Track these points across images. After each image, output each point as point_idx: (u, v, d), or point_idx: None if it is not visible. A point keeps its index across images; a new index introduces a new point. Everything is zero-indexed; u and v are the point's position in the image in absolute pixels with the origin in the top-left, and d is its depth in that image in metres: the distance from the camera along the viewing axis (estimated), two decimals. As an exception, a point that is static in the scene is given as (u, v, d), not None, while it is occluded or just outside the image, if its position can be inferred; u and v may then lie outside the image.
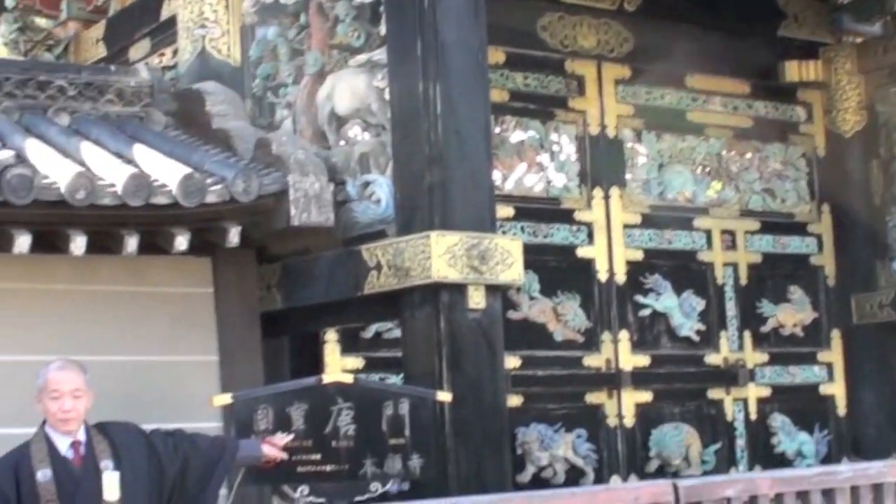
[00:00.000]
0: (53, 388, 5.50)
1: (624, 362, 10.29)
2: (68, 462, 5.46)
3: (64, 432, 5.48)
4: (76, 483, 5.40)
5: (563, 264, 10.03)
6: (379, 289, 7.21)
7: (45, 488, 5.33)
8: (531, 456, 9.76)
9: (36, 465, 5.38)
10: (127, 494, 5.41)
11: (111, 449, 5.52)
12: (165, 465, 5.62)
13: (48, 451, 5.43)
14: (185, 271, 7.58)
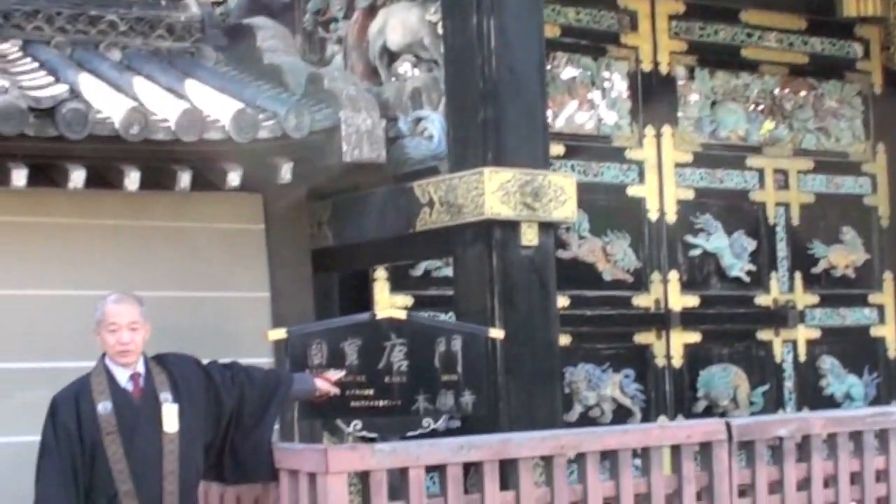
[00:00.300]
0: (111, 322, 5.48)
1: (673, 303, 10.23)
2: (128, 394, 5.48)
3: (123, 365, 5.48)
4: (136, 414, 5.42)
5: (613, 203, 9.95)
6: (431, 226, 7.19)
7: (105, 420, 5.34)
8: (579, 395, 9.74)
9: (96, 397, 5.39)
10: (185, 426, 5.45)
11: (170, 381, 5.53)
12: (223, 397, 5.63)
13: (108, 384, 5.44)
14: (236, 208, 7.61)
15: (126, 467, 5.31)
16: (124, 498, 5.31)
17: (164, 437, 5.41)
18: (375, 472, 5.35)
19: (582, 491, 5.94)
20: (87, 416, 5.35)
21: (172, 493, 5.39)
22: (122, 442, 5.34)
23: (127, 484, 5.31)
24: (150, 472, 5.36)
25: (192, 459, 5.50)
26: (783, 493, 6.51)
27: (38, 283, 7.00)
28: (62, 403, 5.42)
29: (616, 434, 6.20)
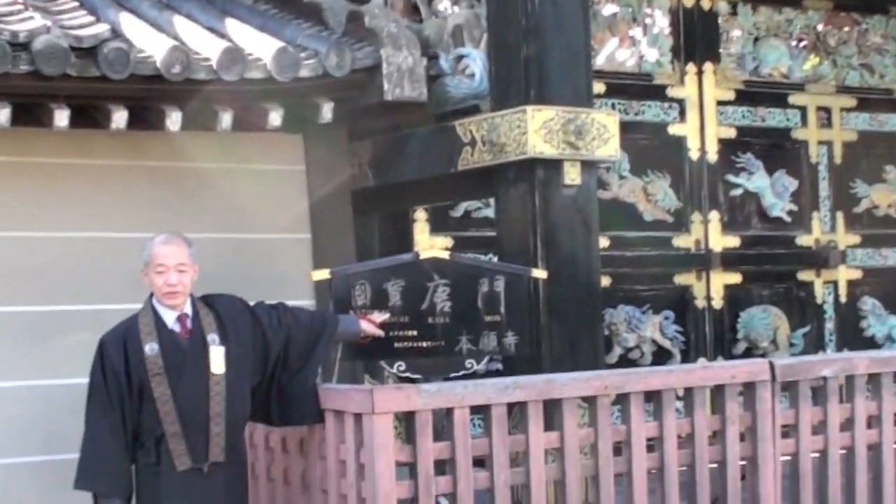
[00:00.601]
0: (159, 263, 5.46)
1: (714, 243, 10.20)
2: (175, 335, 5.47)
3: (170, 306, 5.49)
4: (183, 356, 5.41)
5: (654, 142, 9.91)
6: (473, 165, 7.15)
7: (152, 361, 5.34)
8: (618, 337, 9.75)
9: (143, 338, 5.39)
10: (232, 367, 5.44)
11: (217, 322, 5.52)
12: (270, 339, 5.61)
13: (155, 325, 5.44)
14: (277, 148, 7.57)
15: (173, 409, 5.32)
16: (171, 439, 5.32)
17: (211, 378, 5.40)
18: (421, 413, 5.34)
19: (625, 431, 5.92)
20: (134, 357, 5.35)
21: (219, 435, 5.38)
22: (169, 383, 5.34)
23: (174, 425, 5.32)
24: (196, 413, 5.36)
25: (239, 401, 5.50)
26: (826, 434, 6.48)
27: (81, 225, 7.00)
28: (110, 344, 5.42)
29: (660, 374, 6.18)
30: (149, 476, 5.39)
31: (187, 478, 5.35)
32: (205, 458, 5.36)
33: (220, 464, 5.40)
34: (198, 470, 5.36)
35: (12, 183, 6.85)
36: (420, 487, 5.35)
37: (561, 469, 5.75)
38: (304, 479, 5.82)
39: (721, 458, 6.19)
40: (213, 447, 5.37)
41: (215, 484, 5.40)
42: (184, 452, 5.33)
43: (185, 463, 5.33)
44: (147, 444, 5.37)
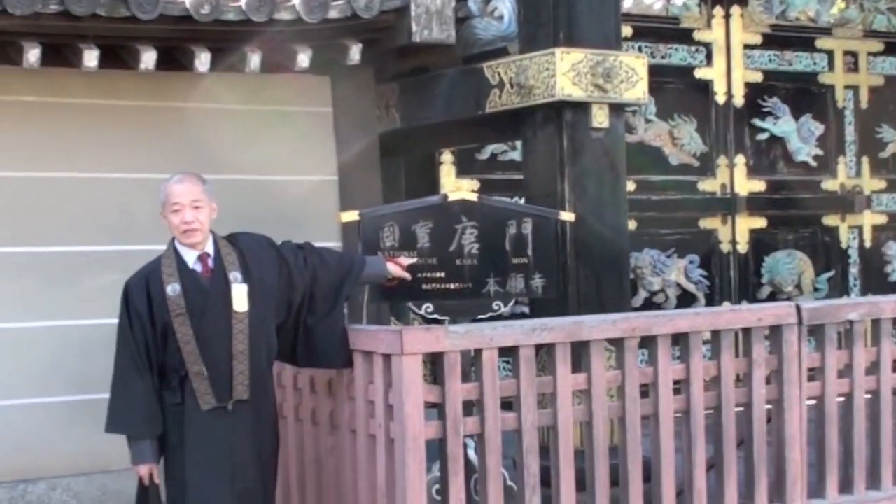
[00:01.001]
0: (174, 202, 5.38)
1: (739, 187, 10.20)
2: (196, 275, 5.40)
3: (190, 245, 5.41)
4: (205, 295, 5.36)
5: (681, 86, 9.90)
6: (501, 107, 7.14)
7: (174, 302, 5.30)
8: (643, 280, 9.78)
9: (165, 279, 5.34)
10: (255, 305, 5.40)
11: (240, 260, 5.46)
12: (295, 279, 5.57)
13: (177, 266, 5.39)
14: (304, 90, 7.57)
15: (195, 348, 5.29)
16: (195, 378, 5.30)
17: (234, 316, 5.35)
18: (449, 354, 5.35)
19: (652, 373, 5.94)
20: (157, 299, 5.33)
21: (243, 374, 5.34)
22: (191, 323, 5.30)
23: (197, 365, 5.29)
24: (219, 352, 5.32)
25: (263, 340, 5.45)
26: (852, 377, 6.50)
27: (109, 165, 7.02)
28: (134, 287, 5.40)
29: (687, 317, 6.17)
30: (175, 415, 5.35)
31: (213, 416, 5.31)
32: (229, 396, 5.32)
33: (245, 402, 5.35)
34: (222, 408, 5.32)
35: (41, 123, 6.87)
36: (448, 428, 5.36)
37: (588, 411, 5.77)
38: (332, 419, 5.84)
39: (747, 401, 6.20)
40: (236, 385, 5.33)
41: (241, 422, 5.36)
42: (208, 392, 5.30)
43: (209, 402, 5.30)
44: (172, 383, 5.35)
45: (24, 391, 6.69)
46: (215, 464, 5.31)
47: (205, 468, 5.31)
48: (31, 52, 6.29)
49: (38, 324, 6.80)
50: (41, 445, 6.71)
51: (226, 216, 7.11)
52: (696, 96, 9.99)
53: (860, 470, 6.52)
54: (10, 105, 6.79)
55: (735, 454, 6.19)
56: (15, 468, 6.69)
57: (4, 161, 6.78)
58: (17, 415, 6.71)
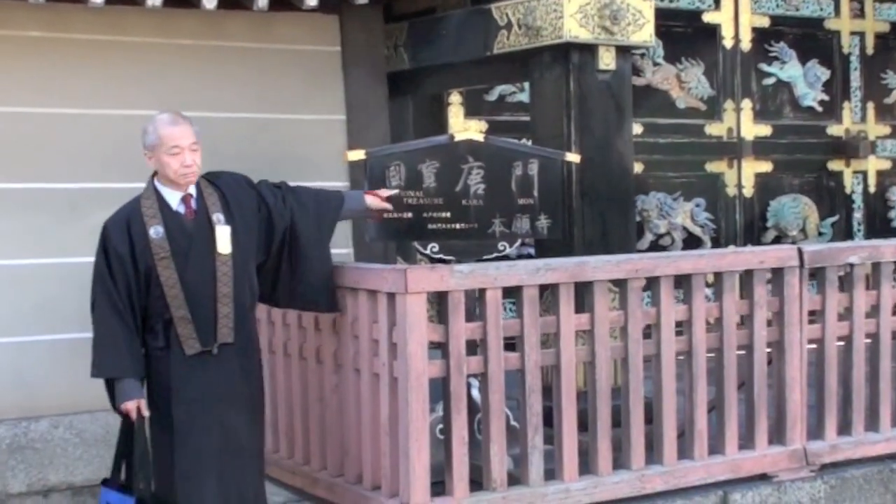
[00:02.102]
0: (173, 144, 5.26)
1: (746, 131, 10.22)
2: (180, 217, 5.30)
3: (181, 186, 5.31)
4: (189, 238, 5.27)
5: (689, 30, 9.88)
6: (508, 49, 7.13)
7: (158, 245, 5.21)
8: (649, 223, 9.81)
9: (147, 221, 5.23)
10: (238, 247, 5.33)
11: (222, 201, 5.37)
12: (275, 218, 5.51)
13: (159, 207, 5.28)
14: (312, 29, 7.56)
15: (180, 292, 5.21)
16: (179, 323, 5.22)
17: (218, 258, 5.27)
18: (454, 293, 5.40)
19: (655, 314, 5.99)
20: (139, 241, 5.22)
21: (227, 316, 5.27)
22: (176, 267, 5.21)
23: (182, 309, 5.21)
24: (203, 295, 5.24)
25: (246, 281, 5.38)
26: (852, 320, 6.55)
27: (114, 102, 7.00)
28: (113, 228, 5.28)
29: (690, 258, 6.23)
30: (158, 360, 5.27)
31: (197, 360, 5.25)
32: (213, 339, 5.26)
33: (229, 345, 5.29)
34: (207, 352, 5.26)
35: (46, 59, 6.87)
36: (451, 367, 5.43)
37: (591, 351, 5.83)
38: (336, 358, 5.90)
39: (748, 343, 6.27)
40: (221, 328, 5.26)
41: (226, 364, 5.30)
42: (192, 336, 5.23)
43: (193, 347, 5.23)
44: (155, 327, 5.26)
45: (28, 328, 6.72)
46: (203, 407, 5.25)
47: (192, 412, 5.24)
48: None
49: (41, 260, 6.81)
50: (44, 383, 6.75)
51: (233, 155, 7.17)
52: (704, 40, 9.97)
53: (859, 412, 6.60)
54: (14, 40, 6.79)
55: (736, 396, 6.26)
56: (18, 406, 6.73)
57: (9, 96, 6.78)
58: (20, 352, 6.74)
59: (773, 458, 6.32)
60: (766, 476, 6.30)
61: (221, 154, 7.17)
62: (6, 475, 6.66)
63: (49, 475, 6.77)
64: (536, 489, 5.67)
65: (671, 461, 6.04)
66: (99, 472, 6.82)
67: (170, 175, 5.29)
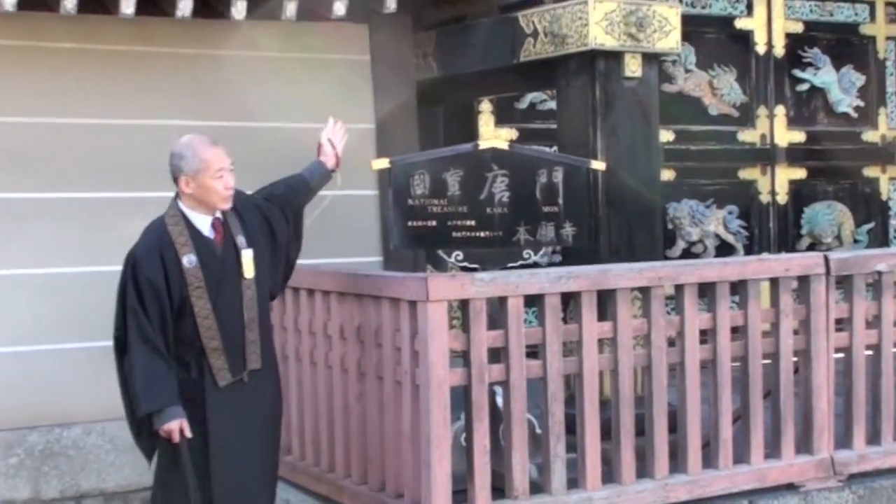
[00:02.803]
0: (219, 167, 5.09)
1: (779, 138, 10.17)
2: (210, 244, 5.12)
3: (207, 212, 5.14)
4: (221, 265, 5.12)
5: (721, 36, 9.86)
6: (535, 57, 7.15)
7: (192, 274, 5.01)
8: (682, 231, 9.79)
9: (179, 249, 5.02)
10: (259, 269, 5.23)
11: (241, 223, 5.25)
12: (278, 233, 5.43)
13: (189, 234, 5.07)
14: (342, 38, 7.62)
15: (214, 322, 5.05)
16: (212, 354, 5.07)
17: (244, 283, 5.15)
18: (475, 301, 5.40)
19: (679, 322, 5.97)
20: (172, 271, 5.00)
21: (254, 342, 5.18)
22: (209, 296, 5.04)
23: (215, 340, 5.07)
24: (234, 323, 5.11)
25: (266, 302, 5.31)
26: (881, 328, 6.50)
27: (145, 112, 7.10)
28: (145, 258, 5.03)
29: (714, 266, 6.20)
30: (192, 390, 5.08)
31: (230, 388, 5.13)
32: (243, 367, 5.14)
33: (258, 370, 5.20)
34: (239, 380, 5.15)
35: (78, 70, 6.95)
36: (473, 375, 5.42)
37: (614, 359, 5.81)
38: (360, 366, 5.91)
39: (774, 351, 6.23)
40: (249, 355, 5.16)
41: (256, 390, 5.20)
42: (224, 367, 5.09)
43: (225, 378, 5.10)
44: (185, 357, 5.08)
45: (59, 336, 6.79)
46: (238, 433, 5.15)
47: (229, 439, 5.12)
48: (69, 0, 6.38)
49: (72, 269, 6.90)
50: (77, 390, 6.84)
51: (263, 165, 7.19)
52: (736, 46, 9.95)
53: (888, 421, 6.54)
54: (47, 51, 6.87)
55: (762, 404, 6.22)
56: (51, 413, 6.81)
57: (43, 108, 6.87)
58: (53, 360, 6.82)
59: (800, 468, 6.27)
60: (792, 486, 6.25)
61: (251, 164, 7.21)
62: (39, 481, 6.74)
63: (81, 481, 6.86)
64: (559, 498, 5.66)
65: (696, 470, 6.01)
66: (131, 478, 6.93)
67: (213, 199, 5.12)
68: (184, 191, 5.11)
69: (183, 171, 5.09)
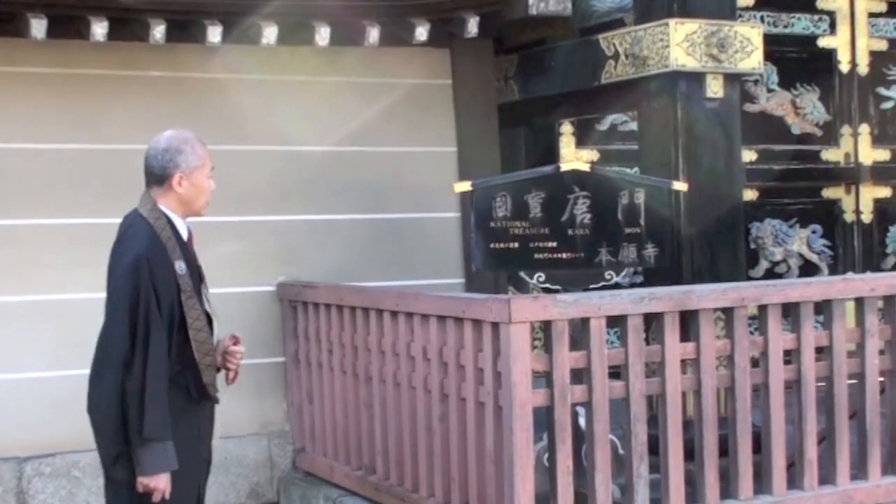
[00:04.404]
0: (211, 167, 4.76)
1: (863, 156, 10.08)
2: (189, 250, 4.75)
3: (186, 216, 4.76)
4: (198, 276, 4.77)
5: (804, 55, 9.79)
6: (615, 79, 7.19)
7: (183, 281, 4.61)
8: (765, 251, 9.72)
9: (171, 254, 4.61)
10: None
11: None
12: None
13: (176, 240, 4.67)
14: (424, 63, 7.71)
15: (209, 336, 4.71)
16: (205, 371, 4.70)
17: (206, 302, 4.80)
18: (557, 322, 5.42)
19: (763, 343, 5.96)
20: (173, 278, 4.60)
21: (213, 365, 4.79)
22: (200, 306, 4.68)
23: (209, 356, 4.72)
24: (210, 336, 4.75)
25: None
26: (969, 348, 6.44)
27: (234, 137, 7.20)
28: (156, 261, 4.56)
29: (798, 286, 6.17)
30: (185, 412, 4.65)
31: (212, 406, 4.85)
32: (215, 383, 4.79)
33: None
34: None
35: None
36: (556, 396, 5.43)
37: (697, 380, 5.80)
38: (443, 387, 5.93)
39: (860, 372, 6.20)
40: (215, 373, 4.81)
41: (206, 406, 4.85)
42: (213, 382, 4.76)
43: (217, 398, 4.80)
44: (178, 378, 4.64)
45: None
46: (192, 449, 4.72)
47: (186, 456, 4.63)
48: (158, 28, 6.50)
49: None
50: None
51: (347, 188, 7.31)
52: (819, 65, 9.87)
53: (978, 442, 6.48)
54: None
55: (847, 425, 6.18)
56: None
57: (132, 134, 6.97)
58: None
59: (887, 489, 6.22)
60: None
61: (334, 186, 7.37)
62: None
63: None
64: (643, 518, 5.68)
65: (780, 491, 5.99)
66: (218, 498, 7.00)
67: (202, 201, 4.75)
68: (174, 189, 4.67)
69: (180, 166, 4.66)
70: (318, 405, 7.17)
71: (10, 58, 6.78)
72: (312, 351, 7.16)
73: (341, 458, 6.94)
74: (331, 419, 7.03)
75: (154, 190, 4.71)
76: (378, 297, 6.46)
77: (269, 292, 7.32)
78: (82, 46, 6.73)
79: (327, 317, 6.94)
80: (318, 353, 7.08)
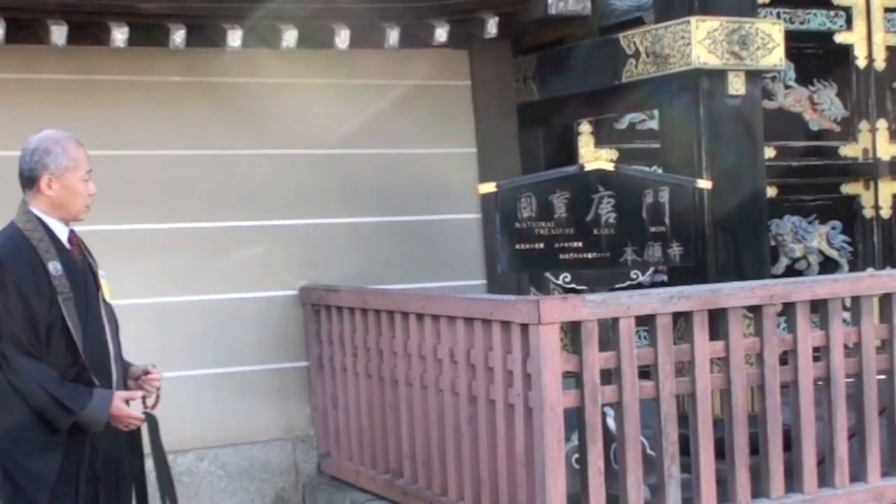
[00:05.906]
0: (87, 169, 4.56)
1: (882, 152, 10.05)
2: (71, 254, 4.57)
3: (65, 221, 4.59)
4: (84, 280, 4.58)
5: (820, 51, 9.77)
6: (637, 77, 7.16)
7: (59, 282, 4.43)
8: (785, 248, 9.70)
9: (43, 255, 4.45)
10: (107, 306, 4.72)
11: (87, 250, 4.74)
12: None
13: (51, 242, 4.51)
14: (443, 64, 7.70)
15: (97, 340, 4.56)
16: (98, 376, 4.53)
17: (104, 310, 4.64)
18: (587, 323, 5.40)
19: (792, 340, 5.93)
20: (41, 279, 4.43)
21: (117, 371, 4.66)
22: (78, 313, 4.48)
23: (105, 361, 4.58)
24: (102, 355, 4.58)
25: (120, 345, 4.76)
26: None
27: (258, 142, 7.21)
28: (12, 261, 4.42)
29: (826, 283, 6.14)
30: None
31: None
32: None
33: None
34: None
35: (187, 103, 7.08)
36: (586, 397, 5.41)
37: (727, 378, 5.78)
38: (471, 389, 5.91)
39: (889, 368, 6.17)
40: (117, 382, 4.64)
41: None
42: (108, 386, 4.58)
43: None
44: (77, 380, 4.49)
45: (173, 364, 6.84)
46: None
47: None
48: (178, 33, 6.50)
49: (185, 298, 7.00)
50: (189, 417, 6.91)
51: (367, 190, 7.30)
52: (836, 61, 9.85)
53: None
54: (158, 86, 7.01)
55: (877, 422, 6.16)
56: (164, 439, 6.89)
57: (157, 140, 6.99)
58: (167, 387, 6.85)
59: (918, 485, 6.21)
60: (910, 503, 6.19)
61: (355, 189, 7.36)
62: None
63: (195, 508, 6.95)
64: (675, 518, 5.65)
65: (812, 489, 5.96)
66: (244, 503, 6.99)
67: (77, 205, 4.57)
68: (44, 192, 4.51)
69: (48, 168, 4.50)
70: (342, 409, 7.15)
71: (28, 65, 6.76)
72: (336, 355, 7.13)
73: (367, 461, 6.92)
74: (356, 423, 7.01)
75: (26, 192, 4.58)
76: (403, 300, 6.44)
77: (291, 296, 7.29)
78: (100, 52, 6.71)
79: (351, 320, 6.92)
80: (342, 356, 7.06)
